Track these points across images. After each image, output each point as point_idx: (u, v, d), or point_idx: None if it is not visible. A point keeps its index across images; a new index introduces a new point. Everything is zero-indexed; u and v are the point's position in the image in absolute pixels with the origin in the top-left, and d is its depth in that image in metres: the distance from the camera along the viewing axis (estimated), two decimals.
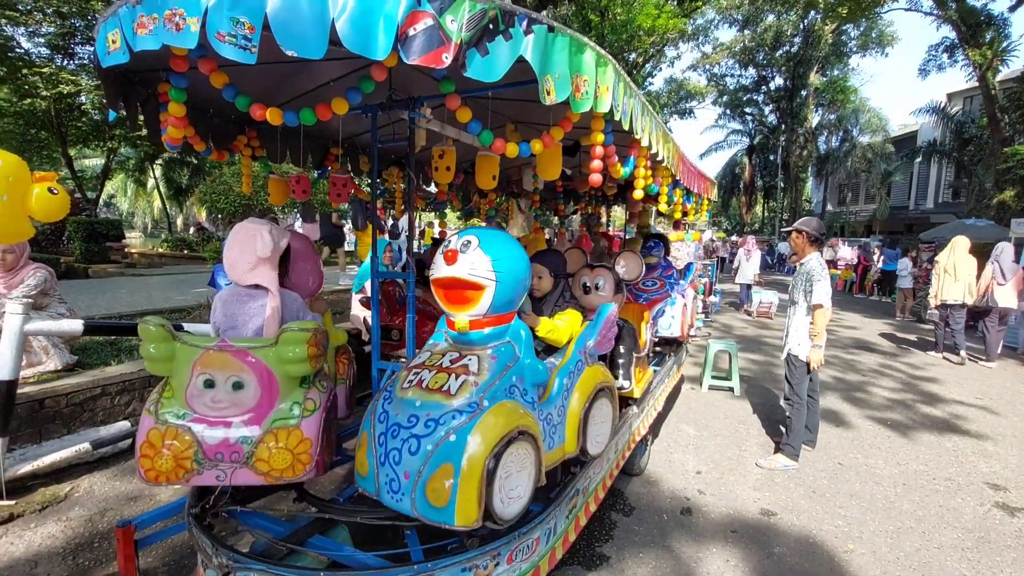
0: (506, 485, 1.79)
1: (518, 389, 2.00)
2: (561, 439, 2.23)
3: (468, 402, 1.84)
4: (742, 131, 34.21)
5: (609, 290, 3.03)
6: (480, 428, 1.75)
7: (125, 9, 1.53)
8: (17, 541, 2.80)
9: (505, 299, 2.01)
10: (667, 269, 4.67)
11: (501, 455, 1.74)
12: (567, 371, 2.28)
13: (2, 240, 3.03)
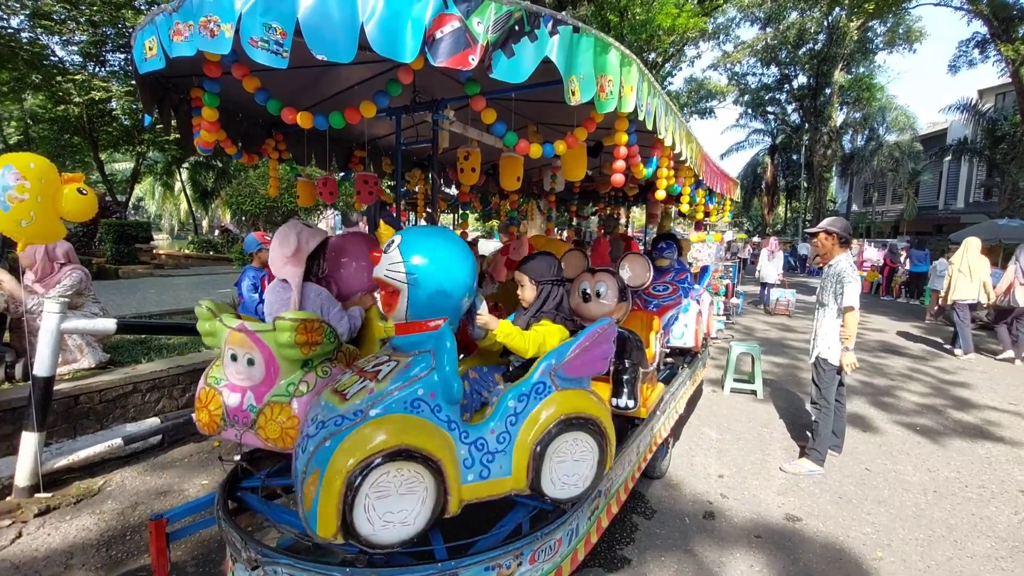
0: (378, 506, 1.63)
1: (427, 404, 1.78)
2: (505, 470, 1.91)
3: (354, 409, 1.71)
4: (764, 130, 33.73)
5: (612, 298, 2.73)
6: (352, 438, 1.62)
7: (162, 17, 1.58)
8: (53, 532, 2.89)
9: (422, 304, 1.85)
10: (680, 272, 4.43)
11: (370, 471, 1.59)
12: (519, 392, 1.95)
13: (36, 240, 3.14)
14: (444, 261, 1.87)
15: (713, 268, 8.90)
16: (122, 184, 22.28)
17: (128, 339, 5.10)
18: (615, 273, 2.81)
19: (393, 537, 1.68)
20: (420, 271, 1.82)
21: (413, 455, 1.66)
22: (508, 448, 1.91)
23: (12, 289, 3.90)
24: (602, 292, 2.73)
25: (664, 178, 2.60)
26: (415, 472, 1.67)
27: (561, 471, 1.98)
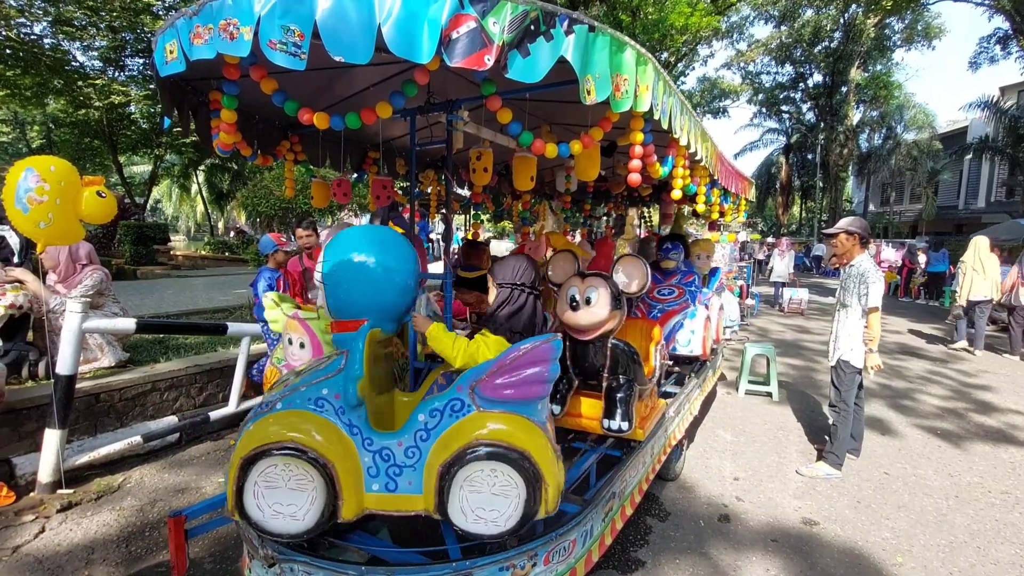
0: (267, 495, 1.71)
1: (331, 404, 1.77)
2: (415, 487, 1.79)
3: (268, 400, 1.83)
4: (778, 130, 33.36)
5: (604, 305, 2.43)
6: (256, 425, 1.75)
7: (182, 21, 1.60)
8: (75, 528, 2.94)
9: (340, 303, 1.86)
10: (687, 275, 4.26)
11: (259, 460, 1.69)
12: (431, 407, 1.79)
13: (56, 241, 3.20)
14: (363, 263, 1.84)
15: (727, 269, 8.84)
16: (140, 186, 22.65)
17: (147, 339, 5.18)
18: (608, 278, 2.53)
19: (282, 528, 1.73)
20: (332, 273, 1.86)
21: (301, 453, 1.69)
22: (418, 465, 1.78)
23: (35, 289, 3.98)
24: (592, 299, 2.43)
25: (680, 177, 2.58)
26: (303, 470, 1.70)
27: (475, 502, 1.73)
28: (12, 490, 3.15)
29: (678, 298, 4.08)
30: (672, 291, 4.13)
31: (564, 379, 2.62)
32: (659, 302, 4.13)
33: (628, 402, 2.53)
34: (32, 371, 3.86)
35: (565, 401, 2.69)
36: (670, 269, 4.24)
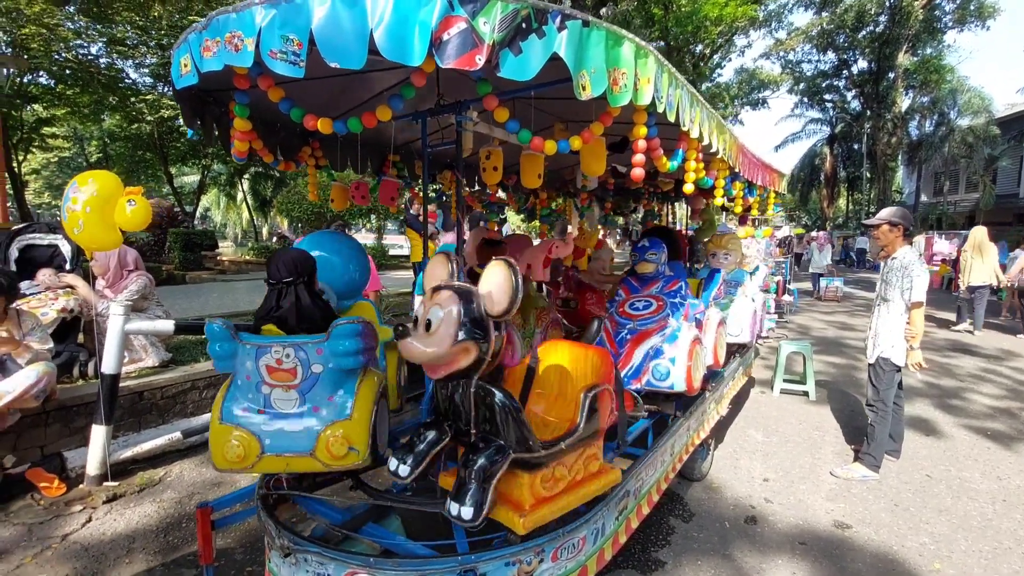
0: None
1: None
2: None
3: None
4: (821, 120, 32.05)
5: (445, 334, 1.62)
6: None
7: (194, 35, 1.69)
8: (119, 518, 3.12)
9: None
10: (671, 282, 3.37)
11: None
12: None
13: (93, 246, 3.41)
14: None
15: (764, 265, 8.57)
16: (190, 196, 23.75)
17: (189, 339, 5.43)
18: (470, 293, 1.69)
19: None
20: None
21: None
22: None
23: (85, 294, 4.25)
24: (432, 323, 1.65)
25: (692, 171, 2.53)
26: None
27: None
28: (63, 482, 3.37)
29: (655, 313, 3.21)
30: (649, 303, 3.27)
31: (427, 431, 1.86)
32: (630, 319, 3.26)
33: (484, 478, 1.69)
34: (82, 371, 4.11)
35: (421, 460, 1.80)
36: (648, 275, 3.43)
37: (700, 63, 21.12)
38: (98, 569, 2.66)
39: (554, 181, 4.83)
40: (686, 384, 2.96)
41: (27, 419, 3.43)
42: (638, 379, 3.07)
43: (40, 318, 3.64)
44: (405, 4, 1.43)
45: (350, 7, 1.45)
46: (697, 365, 3.08)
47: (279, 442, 1.98)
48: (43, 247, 4.51)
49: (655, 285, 3.38)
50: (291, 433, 1.97)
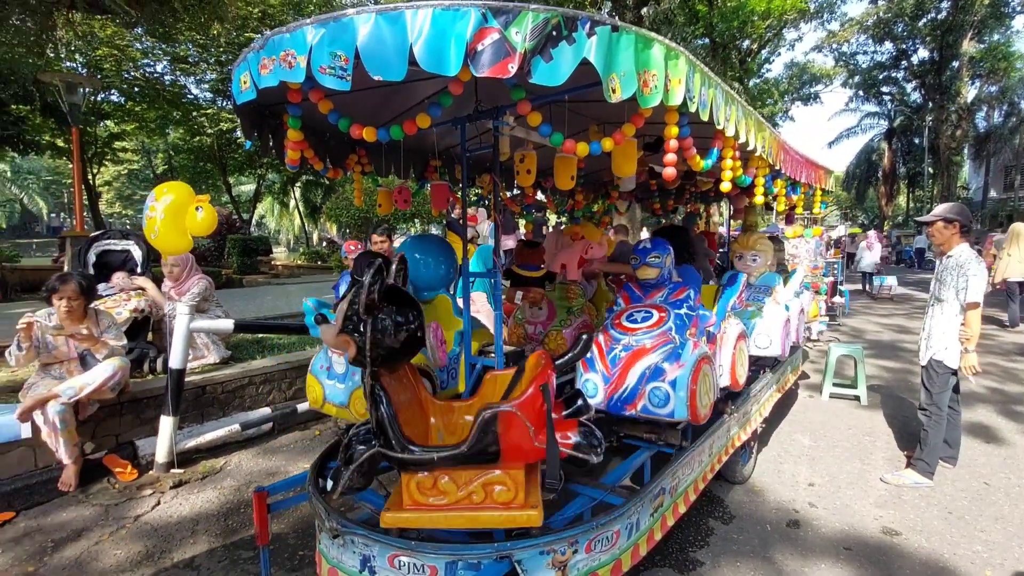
0: None
1: None
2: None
3: None
4: (879, 113, 30.51)
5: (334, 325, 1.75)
6: None
7: (252, 55, 1.85)
8: (184, 503, 3.37)
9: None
10: (678, 290, 2.93)
11: None
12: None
13: (167, 250, 3.71)
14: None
15: (813, 265, 8.29)
16: (246, 203, 25.02)
17: (247, 338, 5.77)
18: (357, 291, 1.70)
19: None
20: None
21: None
22: None
23: (155, 296, 4.59)
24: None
25: (729, 169, 2.53)
26: None
27: None
28: (135, 468, 3.66)
29: (656, 326, 2.74)
30: (649, 315, 2.81)
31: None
32: (626, 332, 2.78)
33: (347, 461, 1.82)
34: (151, 366, 4.45)
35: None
36: (650, 281, 2.97)
37: (747, 59, 20.54)
38: (166, 548, 2.88)
39: (592, 182, 4.85)
40: (689, 411, 2.49)
41: (104, 409, 3.75)
42: (632, 404, 2.59)
43: (115, 317, 3.97)
44: (442, 19, 1.52)
45: (392, 24, 1.55)
46: (705, 389, 2.63)
47: (332, 395, 2.66)
48: (117, 252, 4.91)
49: (659, 293, 2.95)
50: (338, 390, 2.63)
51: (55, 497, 3.36)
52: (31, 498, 3.30)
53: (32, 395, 3.34)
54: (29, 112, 10.74)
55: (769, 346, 3.78)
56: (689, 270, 3.43)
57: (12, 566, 2.72)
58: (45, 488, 3.36)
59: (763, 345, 3.77)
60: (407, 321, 1.76)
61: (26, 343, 3.34)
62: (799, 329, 4.38)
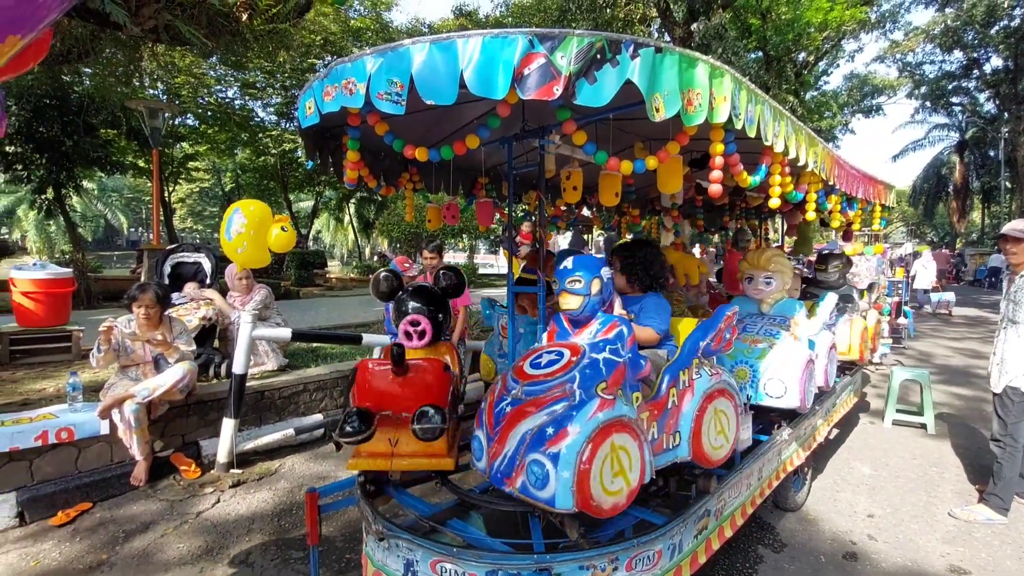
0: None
1: None
2: None
3: None
4: (948, 125, 28.79)
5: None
6: None
7: (317, 83, 2.00)
8: (241, 502, 3.55)
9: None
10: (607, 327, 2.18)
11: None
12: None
13: (249, 264, 3.99)
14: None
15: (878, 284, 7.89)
16: (304, 219, 26.24)
17: (303, 347, 6.04)
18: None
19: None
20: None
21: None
22: None
23: (221, 305, 4.90)
24: None
25: (778, 185, 2.49)
26: None
27: None
28: (199, 467, 3.89)
29: (559, 373, 1.99)
30: (558, 357, 2.07)
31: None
32: (520, 380, 2.06)
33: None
34: (216, 371, 4.73)
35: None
36: (573, 313, 2.25)
37: (803, 71, 19.95)
38: (224, 544, 3.05)
39: (640, 200, 4.85)
40: (577, 499, 1.76)
41: (173, 410, 4.02)
42: (511, 479, 1.88)
43: (186, 324, 4.26)
44: (491, 46, 1.61)
45: (444, 51, 1.66)
46: (613, 469, 1.85)
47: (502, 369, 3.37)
48: (189, 264, 5.28)
49: (587, 329, 2.25)
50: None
51: (127, 491, 3.62)
52: (107, 490, 3.57)
53: (111, 394, 3.62)
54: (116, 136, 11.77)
55: (784, 395, 2.97)
56: (653, 300, 2.56)
57: (88, 553, 2.95)
58: (119, 482, 3.63)
59: (775, 393, 2.99)
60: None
61: (105, 346, 3.63)
62: (829, 371, 3.50)
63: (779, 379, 3.03)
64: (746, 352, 3.16)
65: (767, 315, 3.45)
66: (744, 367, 3.14)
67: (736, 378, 2.88)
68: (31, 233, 30.13)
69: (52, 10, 1.25)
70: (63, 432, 3.46)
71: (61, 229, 24.83)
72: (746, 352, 3.16)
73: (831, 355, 3.60)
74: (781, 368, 3.04)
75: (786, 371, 3.03)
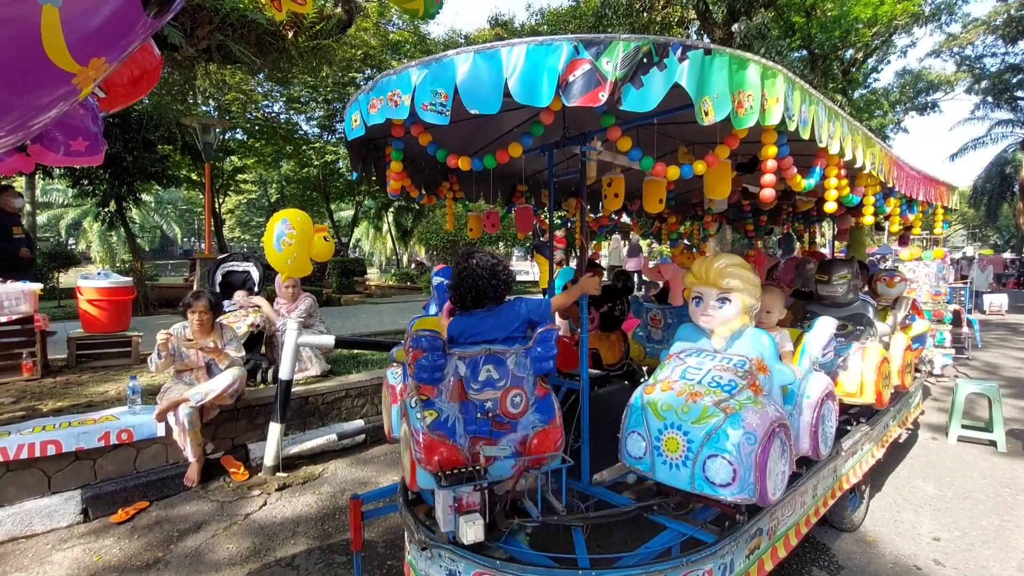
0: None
1: None
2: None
3: None
4: (1013, 121, 26.98)
5: None
6: None
7: (363, 96, 2.03)
8: (286, 505, 3.63)
9: None
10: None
11: None
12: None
13: (295, 274, 4.12)
14: None
15: (934, 291, 7.48)
16: (345, 228, 26.93)
17: (344, 354, 6.16)
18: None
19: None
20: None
21: None
22: None
23: (268, 313, 5.06)
24: None
25: (834, 188, 2.38)
26: None
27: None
28: (247, 469, 4.01)
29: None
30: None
31: None
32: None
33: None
34: (263, 376, 4.88)
35: None
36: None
37: (851, 69, 19.18)
38: (270, 546, 3.12)
39: (682, 205, 4.74)
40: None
41: (223, 414, 4.16)
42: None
43: (236, 331, 4.41)
44: (535, 53, 1.60)
45: (488, 61, 1.66)
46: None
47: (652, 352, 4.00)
48: (239, 273, 5.48)
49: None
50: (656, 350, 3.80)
51: (180, 491, 3.76)
52: (162, 490, 3.71)
53: (167, 398, 3.78)
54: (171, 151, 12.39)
55: (731, 483, 2.02)
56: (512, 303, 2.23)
57: (145, 550, 3.07)
58: (173, 482, 3.77)
59: (720, 479, 2.04)
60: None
61: (164, 352, 3.81)
62: (821, 433, 2.54)
63: (726, 457, 2.04)
64: (680, 411, 2.17)
65: (719, 353, 2.39)
66: (675, 434, 2.15)
67: (666, 450, 2.17)
68: (95, 244, 32.00)
69: (136, 35, 1.31)
70: (123, 433, 3.63)
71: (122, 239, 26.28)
72: (680, 411, 2.17)
73: (823, 409, 2.55)
74: (730, 439, 2.04)
75: (737, 444, 2.03)
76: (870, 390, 3.13)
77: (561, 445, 2.15)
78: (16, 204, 6.04)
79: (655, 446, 2.22)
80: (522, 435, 2.10)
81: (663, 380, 2.37)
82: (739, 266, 2.35)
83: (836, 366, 3.14)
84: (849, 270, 3.41)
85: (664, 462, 2.20)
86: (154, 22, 1.33)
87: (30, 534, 3.22)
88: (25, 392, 4.47)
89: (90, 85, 1.37)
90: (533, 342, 2.07)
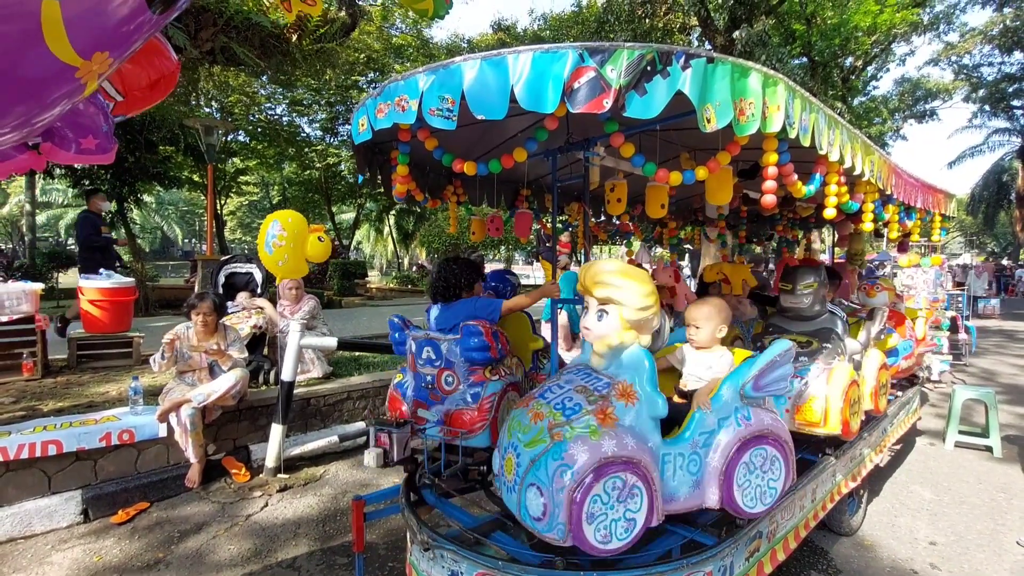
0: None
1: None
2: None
3: None
4: (1010, 129, 27.18)
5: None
6: None
7: (370, 100, 2.06)
8: (288, 506, 3.65)
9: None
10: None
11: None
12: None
13: (289, 276, 4.12)
14: None
15: (932, 298, 7.52)
16: (346, 230, 26.98)
17: (346, 356, 6.18)
18: None
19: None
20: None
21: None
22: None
23: (271, 314, 5.08)
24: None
25: (834, 195, 2.42)
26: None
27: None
28: (248, 470, 4.02)
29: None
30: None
31: None
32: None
33: None
34: (265, 378, 4.89)
35: None
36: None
37: (850, 76, 19.30)
38: (271, 547, 3.13)
39: (683, 211, 4.78)
40: None
41: (225, 415, 4.17)
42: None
43: (238, 332, 4.43)
44: (541, 61, 1.63)
45: (495, 67, 1.69)
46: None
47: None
48: (242, 274, 5.50)
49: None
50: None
51: (182, 492, 3.77)
52: (163, 491, 3.72)
53: (169, 399, 3.80)
54: (174, 152, 12.42)
55: (542, 518, 1.77)
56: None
57: (146, 551, 3.08)
58: (174, 483, 3.78)
59: (534, 513, 1.79)
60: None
61: (169, 353, 3.83)
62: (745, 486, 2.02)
63: (540, 488, 1.75)
64: (521, 431, 1.90)
65: (595, 372, 2.00)
66: (511, 454, 1.90)
67: (505, 471, 1.93)
68: None
69: (140, 31, 1.32)
70: (125, 434, 3.64)
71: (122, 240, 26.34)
72: (521, 431, 1.90)
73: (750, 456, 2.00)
74: (547, 469, 1.74)
75: (551, 476, 1.72)
76: (835, 419, 2.71)
77: (479, 427, 2.47)
78: (104, 206, 6.48)
79: (501, 464, 1.98)
80: (447, 408, 2.53)
81: (529, 394, 2.12)
82: (620, 273, 1.93)
83: (796, 390, 2.76)
84: (816, 278, 3.06)
85: (503, 483, 1.95)
86: (159, 19, 1.34)
87: (30, 534, 3.23)
88: (25, 392, 4.48)
89: (95, 80, 1.36)
90: (460, 335, 2.46)
